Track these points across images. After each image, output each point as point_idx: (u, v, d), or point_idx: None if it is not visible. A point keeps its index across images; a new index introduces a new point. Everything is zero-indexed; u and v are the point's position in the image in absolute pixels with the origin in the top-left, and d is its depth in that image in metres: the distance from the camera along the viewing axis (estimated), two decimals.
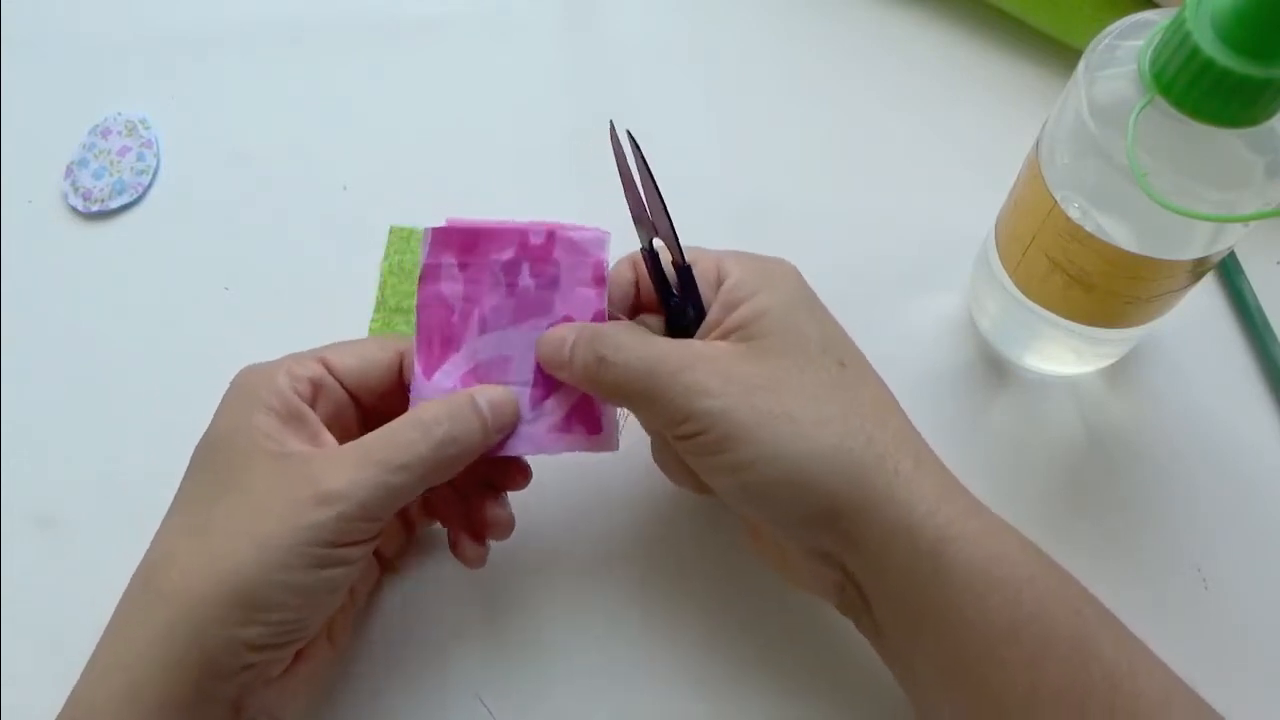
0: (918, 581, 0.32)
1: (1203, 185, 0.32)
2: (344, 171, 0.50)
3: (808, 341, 0.35)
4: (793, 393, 0.33)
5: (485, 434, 0.35)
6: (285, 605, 0.31)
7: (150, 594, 0.32)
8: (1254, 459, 0.43)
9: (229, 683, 0.31)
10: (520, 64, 0.53)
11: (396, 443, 0.33)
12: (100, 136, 0.51)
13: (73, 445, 0.44)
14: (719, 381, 0.33)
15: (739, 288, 0.35)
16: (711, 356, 0.34)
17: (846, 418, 0.33)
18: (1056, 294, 0.40)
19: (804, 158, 0.50)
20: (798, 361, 0.34)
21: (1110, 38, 0.34)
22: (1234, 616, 0.41)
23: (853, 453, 0.32)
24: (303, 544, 0.31)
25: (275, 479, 0.32)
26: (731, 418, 0.32)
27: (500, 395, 0.35)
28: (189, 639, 0.31)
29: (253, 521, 0.32)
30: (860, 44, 0.53)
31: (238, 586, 0.31)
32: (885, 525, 0.32)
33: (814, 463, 0.32)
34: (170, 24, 0.54)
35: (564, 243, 0.37)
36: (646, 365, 0.33)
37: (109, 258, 0.48)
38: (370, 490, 0.32)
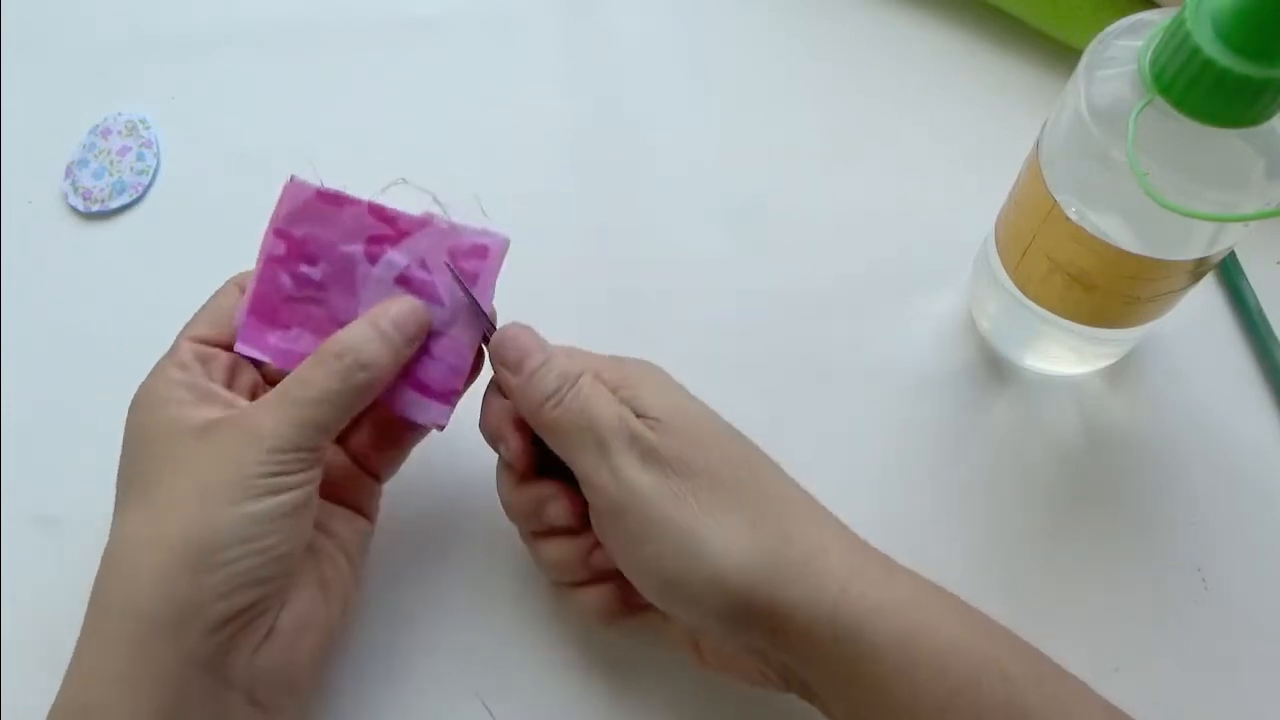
0: (843, 664, 0.32)
1: (1203, 185, 0.32)
2: (344, 171, 0.50)
3: (700, 424, 0.35)
4: (698, 474, 0.33)
5: (394, 353, 0.35)
6: (237, 543, 0.32)
7: (111, 585, 0.33)
8: (1254, 459, 0.43)
9: (203, 644, 0.31)
10: (520, 64, 0.53)
11: (308, 380, 0.34)
12: (100, 136, 0.51)
13: (73, 445, 0.44)
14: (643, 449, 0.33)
15: (609, 383, 0.35)
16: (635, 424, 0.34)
17: (754, 505, 0.33)
18: (1056, 294, 0.40)
19: (803, 158, 0.50)
20: (698, 442, 0.34)
21: (1110, 38, 0.34)
22: (1234, 616, 0.41)
23: (765, 542, 0.32)
24: (240, 479, 0.32)
25: (205, 444, 0.33)
26: (651, 505, 0.33)
27: (403, 309, 0.36)
28: (154, 609, 0.31)
29: (192, 483, 0.33)
30: (860, 44, 0.53)
31: (187, 539, 0.32)
32: (804, 612, 0.32)
33: (728, 558, 0.32)
34: (170, 24, 0.54)
35: (287, 218, 0.38)
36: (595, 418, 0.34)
37: (109, 258, 0.48)
38: (292, 426, 0.33)
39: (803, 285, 0.47)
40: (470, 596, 0.41)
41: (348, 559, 0.37)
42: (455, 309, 0.37)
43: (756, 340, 0.46)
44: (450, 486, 0.43)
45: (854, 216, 0.48)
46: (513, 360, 0.35)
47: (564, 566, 0.37)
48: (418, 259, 0.37)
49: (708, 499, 0.33)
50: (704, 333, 0.45)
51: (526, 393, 0.35)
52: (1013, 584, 0.35)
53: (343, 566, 0.37)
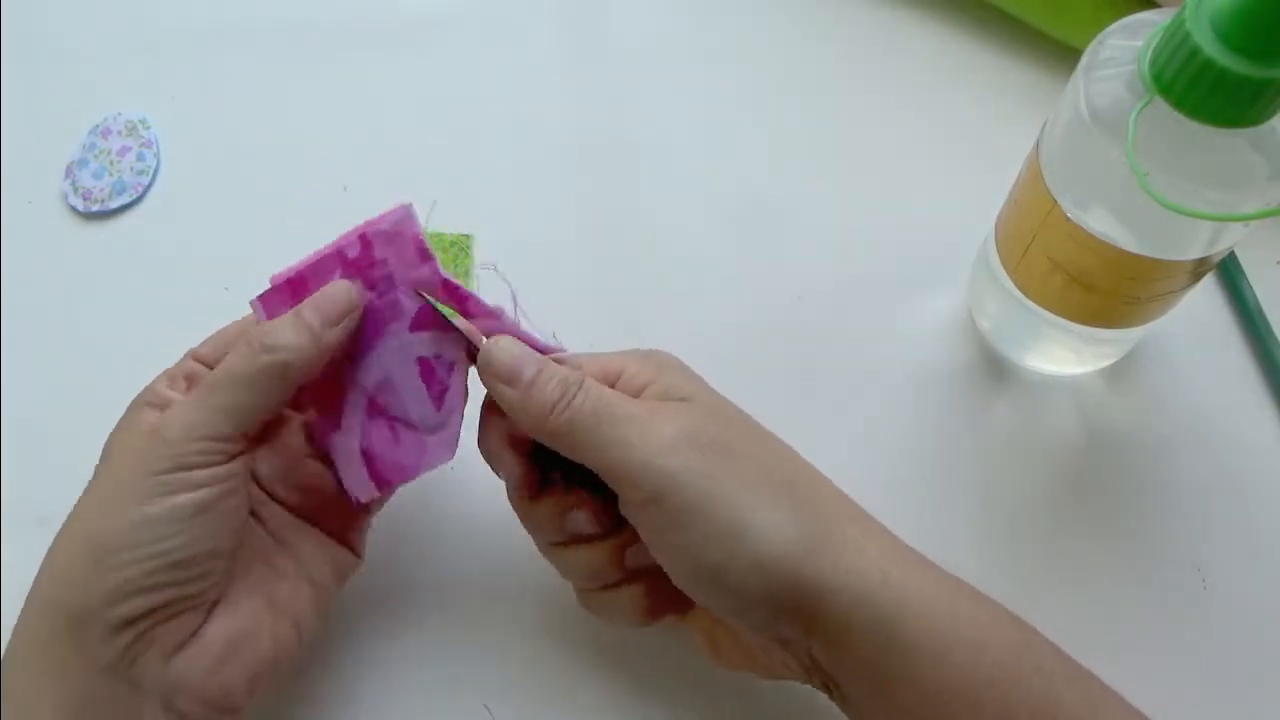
0: (876, 650, 0.31)
1: (1202, 185, 0.32)
2: (344, 171, 0.50)
3: (728, 410, 0.35)
4: (739, 466, 0.32)
5: (312, 336, 0.33)
6: (129, 546, 0.31)
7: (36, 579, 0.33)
8: (1254, 459, 0.43)
9: (105, 646, 0.31)
10: (520, 65, 0.52)
11: (225, 366, 0.33)
12: (100, 136, 0.51)
13: (73, 445, 0.44)
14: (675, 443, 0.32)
15: (639, 375, 0.35)
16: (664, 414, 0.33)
17: (787, 490, 0.33)
18: (1056, 294, 0.40)
19: (804, 158, 0.50)
20: (730, 426, 0.34)
21: (1110, 38, 0.34)
22: (1234, 616, 0.41)
23: (801, 526, 0.32)
24: (142, 477, 0.31)
25: (128, 447, 0.33)
26: (688, 488, 0.31)
27: (325, 295, 0.34)
28: (56, 609, 0.31)
29: (110, 484, 0.32)
30: (860, 44, 0.53)
31: (86, 540, 0.31)
32: (843, 599, 0.31)
33: (769, 541, 0.31)
34: (170, 24, 0.54)
35: (379, 238, 0.35)
36: (609, 414, 0.33)
37: (109, 258, 0.48)
38: (197, 413, 0.32)
39: (803, 285, 0.47)
40: (475, 602, 0.41)
41: (312, 586, 0.36)
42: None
43: (756, 340, 0.46)
44: (452, 489, 0.43)
45: (854, 216, 0.48)
46: (507, 374, 0.33)
47: (593, 571, 0.35)
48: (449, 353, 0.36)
49: (750, 481, 0.32)
50: (704, 333, 0.45)
51: (529, 404, 0.33)
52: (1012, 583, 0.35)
53: (303, 592, 0.35)
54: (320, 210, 0.49)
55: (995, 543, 0.42)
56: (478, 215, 0.48)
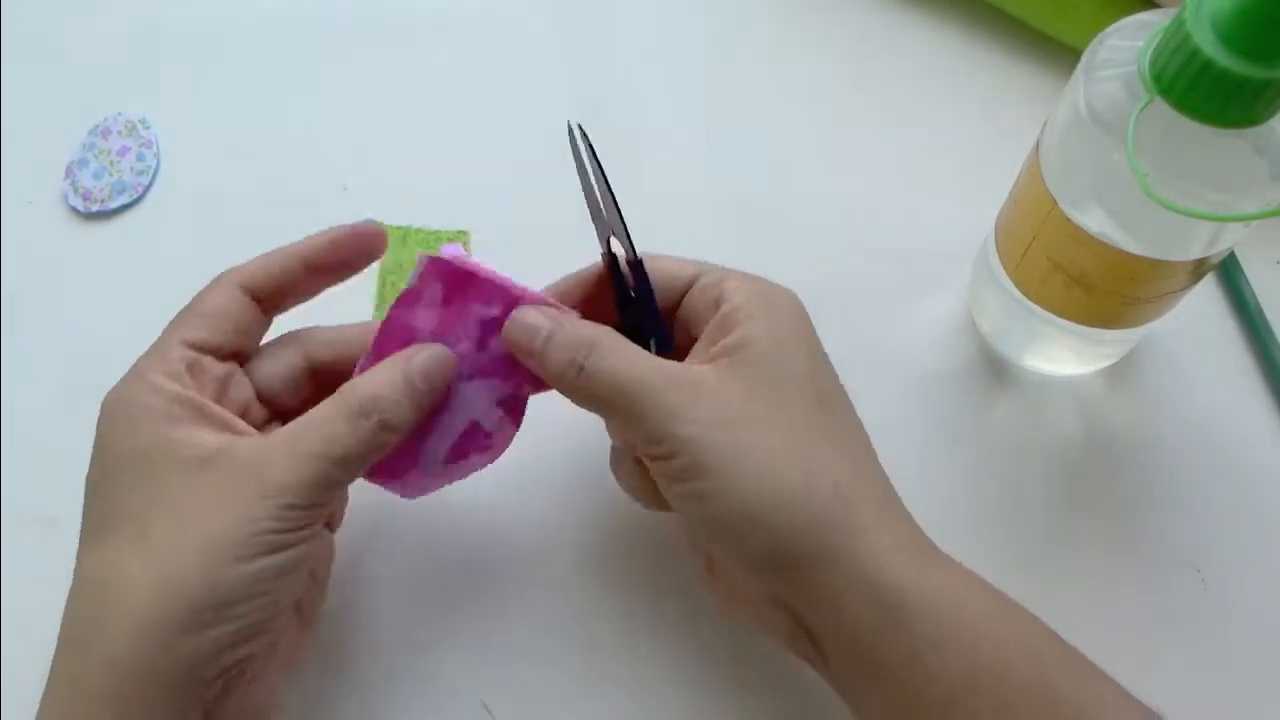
0: (874, 632, 0.31)
1: (1202, 186, 0.32)
2: (344, 171, 0.50)
3: (792, 377, 0.35)
4: (767, 428, 0.33)
5: (419, 410, 0.34)
6: (245, 599, 0.31)
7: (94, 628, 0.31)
8: (1254, 459, 0.43)
9: (199, 696, 0.31)
10: (520, 64, 0.52)
11: (332, 436, 0.32)
12: (100, 136, 0.51)
13: (73, 445, 0.44)
14: (695, 407, 0.32)
15: (736, 312, 0.35)
16: (691, 381, 0.33)
17: (817, 460, 0.33)
18: (1056, 294, 0.40)
19: (803, 158, 0.50)
20: (778, 396, 0.34)
21: (1110, 38, 0.34)
22: (1233, 616, 0.41)
23: (817, 498, 0.32)
24: (249, 535, 0.31)
25: (209, 483, 0.31)
26: (702, 446, 0.32)
27: (428, 359, 0.34)
28: (149, 662, 0.30)
29: (195, 527, 0.31)
30: (859, 44, 0.53)
31: (191, 592, 0.30)
32: (842, 575, 0.31)
33: (777, 504, 0.32)
34: (170, 24, 0.54)
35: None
36: (627, 381, 0.33)
37: (109, 258, 0.48)
38: (309, 484, 0.31)
39: (802, 285, 0.47)
40: (475, 601, 0.41)
41: (314, 580, 0.37)
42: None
43: None
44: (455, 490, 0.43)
45: (854, 217, 0.48)
46: (524, 344, 0.35)
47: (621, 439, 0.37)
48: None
49: (769, 449, 0.32)
50: None
51: (546, 370, 0.34)
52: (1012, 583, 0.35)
53: (313, 591, 0.36)
54: (320, 210, 0.49)
55: (994, 542, 0.42)
56: (477, 214, 0.48)
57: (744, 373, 0.34)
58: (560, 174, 0.50)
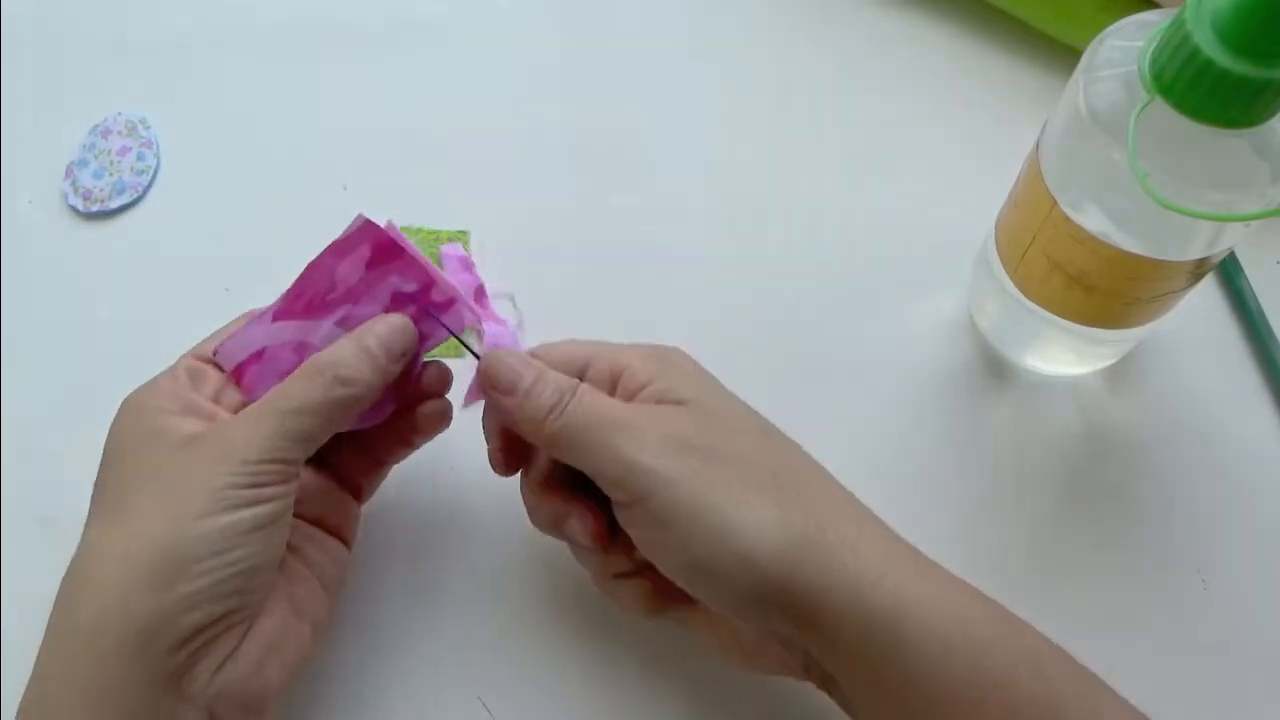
0: (874, 653, 0.31)
1: (1202, 186, 0.32)
2: (344, 171, 0.50)
3: (731, 413, 0.35)
4: (731, 464, 0.33)
5: (378, 371, 0.35)
6: (207, 555, 0.31)
7: (75, 599, 0.32)
8: (1254, 459, 0.43)
9: (166, 661, 0.31)
10: (520, 64, 0.52)
11: (290, 392, 0.34)
12: (100, 136, 0.51)
13: (73, 445, 0.44)
14: (664, 446, 0.33)
15: (638, 375, 0.35)
16: (658, 419, 0.34)
17: (784, 489, 0.33)
18: (1056, 294, 0.40)
19: (803, 158, 0.50)
20: (728, 432, 0.34)
21: (1110, 38, 0.34)
22: (1233, 616, 0.41)
23: (794, 525, 0.32)
24: (213, 490, 0.32)
25: (181, 456, 0.33)
26: (674, 487, 0.32)
27: (386, 328, 0.35)
28: (117, 627, 0.31)
29: (165, 495, 0.32)
30: (860, 44, 0.53)
31: (155, 552, 0.31)
32: (836, 599, 0.31)
33: (757, 539, 0.32)
34: (170, 24, 0.54)
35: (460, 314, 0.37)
36: (599, 420, 0.33)
37: (109, 258, 0.48)
38: (270, 436, 0.33)
39: (803, 285, 0.47)
40: (470, 597, 0.41)
41: (322, 584, 0.37)
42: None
43: (756, 340, 0.46)
44: (448, 486, 0.43)
45: (854, 216, 0.48)
46: (505, 383, 0.35)
47: (601, 563, 0.37)
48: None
49: (738, 482, 0.33)
50: (703, 333, 0.45)
51: (525, 411, 0.34)
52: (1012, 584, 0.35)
53: (316, 590, 0.36)
54: (320, 210, 0.49)
55: (994, 542, 0.42)
56: (477, 214, 0.48)
57: (694, 414, 0.34)
58: (560, 174, 0.50)
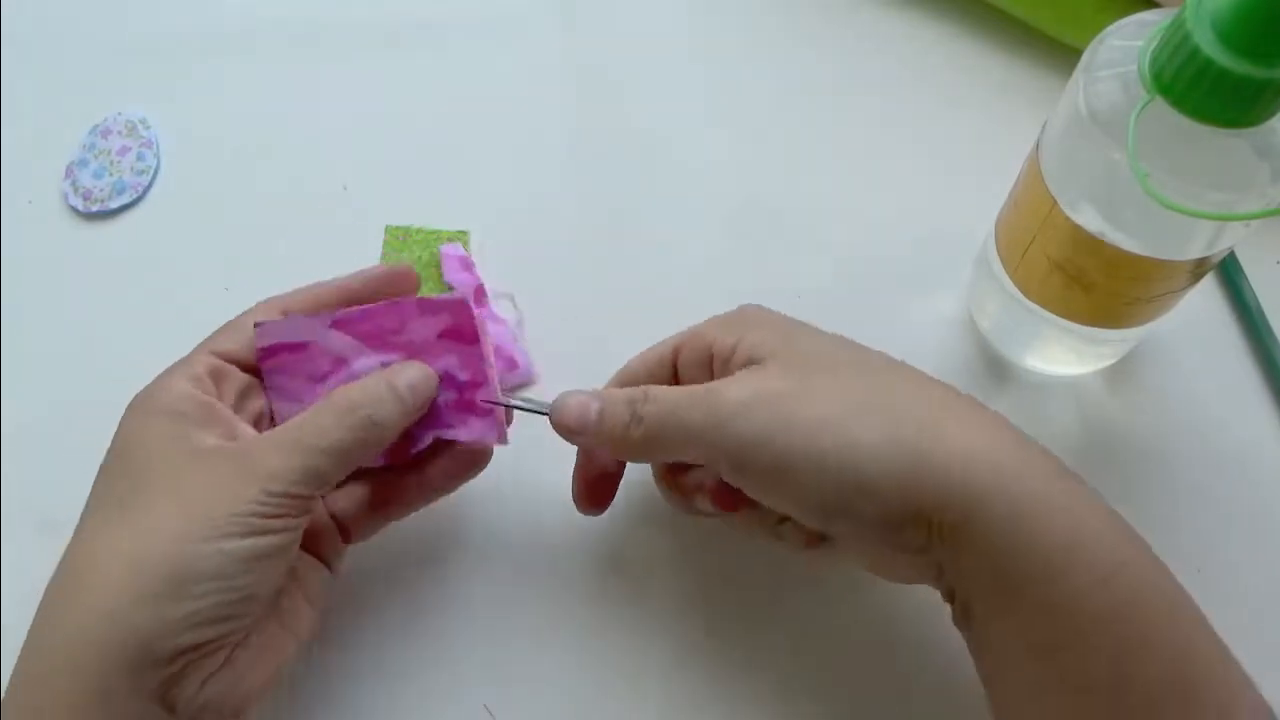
0: (996, 556, 0.31)
1: (1203, 185, 0.32)
2: (344, 171, 0.50)
3: (815, 346, 0.35)
4: (823, 396, 0.33)
5: (404, 414, 0.35)
6: (212, 578, 0.31)
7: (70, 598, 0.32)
8: (1254, 459, 0.43)
9: (157, 673, 0.31)
10: (520, 65, 0.52)
11: (319, 428, 0.34)
12: (100, 136, 0.51)
13: (73, 446, 0.44)
14: (747, 409, 0.33)
15: (727, 338, 0.36)
16: (733, 386, 0.34)
17: (886, 407, 0.33)
18: (1056, 294, 0.40)
19: (803, 158, 0.50)
20: (817, 371, 0.34)
21: (1110, 38, 0.34)
22: (1234, 616, 0.41)
23: (907, 441, 0.32)
24: (229, 515, 0.31)
25: (200, 470, 0.33)
26: (770, 443, 0.32)
27: (417, 374, 0.36)
28: (111, 634, 0.30)
29: (180, 509, 0.32)
30: (860, 44, 0.53)
31: (161, 566, 0.31)
32: (956, 503, 0.31)
33: (874, 464, 0.32)
34: (170, 24, 0.54)
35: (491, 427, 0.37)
36: (676, 410, 0.34)
37: (109, 258, 0.48)
38: (295, 471, 0.33)
39: (802, 285, 0.47)
40: (477, 605, 0.41)
41: (306, 599, 0.37)
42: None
43: None
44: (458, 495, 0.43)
45: (854, 216, 0.48)
46: (578, 420, 0.35)
47: (752, 527, 0.37)
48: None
49: (835, 415, 0.33)
50: None
51: (605, 438, 0.35)
52: None
53: (300, 606, 0.36)
54: (320, 210, 0.49)
55: None
56: (477, 214, 0.48)
57: (770, 363, 0.34)
58: (560, 174, 0.50)
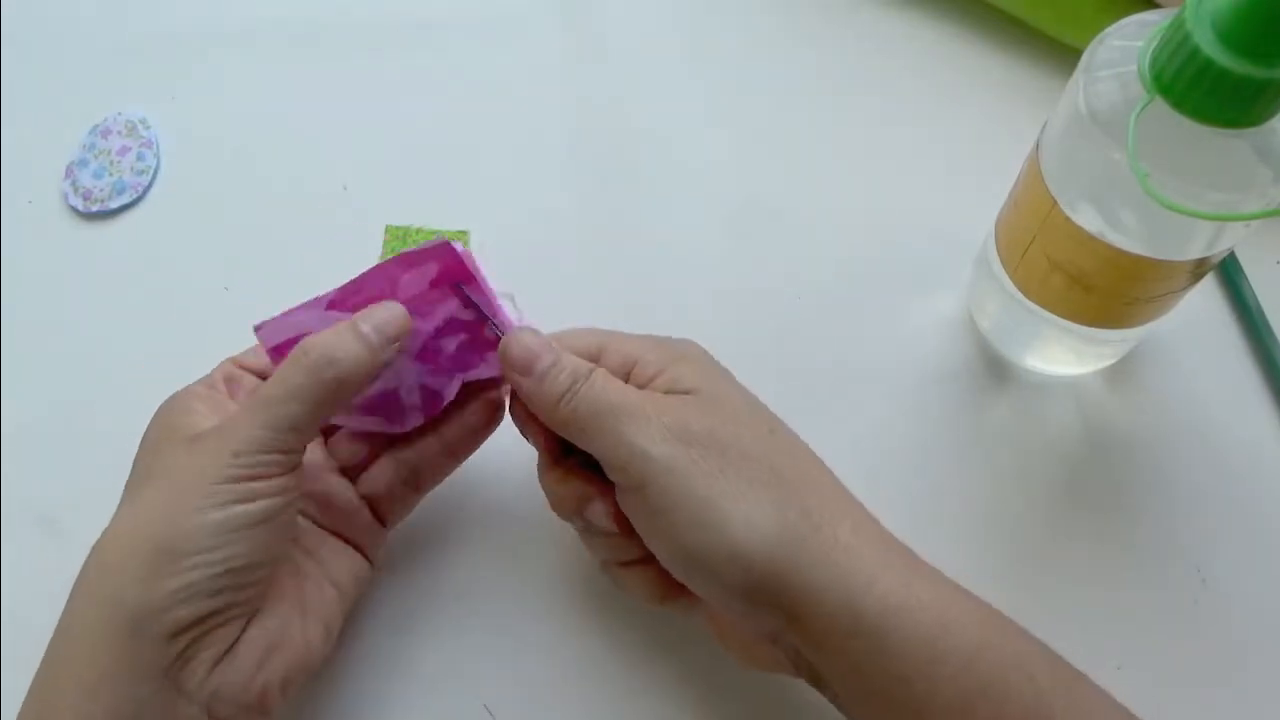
0: (863, 656, 0.31)
1: (1202, 185, 0.32)
2: (344, 171, 0.50)
3: (737, 408, 0.35)
4: (732, 457, 0.33)
5: (369, 350, 0.34)
6: (197, 550, 0.31)
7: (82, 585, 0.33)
8: (1254, 459, 0.43)
9: (161, 650, 0.31)
10: (520, 64, 0.52)
11: (277, 378, 0.33)
12: (100, 136, 0.51)
13: (73, 445, 0.44)
14: (666, 435, 0.33)
15: (649, 367, 0.36)
16: (664, 408, 0.34)
17: (782, 486, 0.33)
18: (1056, 294, 0.40)
19: (803, 158, 0.50)
20: (734, 425, 0.34)
21: (1110, 38, 0.34)
22: (1233, 616, 0.41)
23: (789, 523, 0.32)
24: (207, 486, 0.32)
25: (189, 452, 0.33)
26: (672, 476, 0.33)
27: (383, 313, 0.35)
28: (114, 613, 0.31)
29: (169, 490, 0.32)
30: (860, 44, 0.53)
31: (151, 542, 0.31)
32: (826, 600, 0.31)
33: (749, 533, 0.32)
34: (170, 24, 0.54)
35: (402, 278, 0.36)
36: (608, 405, 0.34)
37: (109, 258, 0.48)
38: (259, 426, 0.32)
39: (802, 285, 0.47)
40: (477, 604, 0.41)
41: (336, 589, 0.37)
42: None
43: (756, 340, 0.46)
44: (457, 494, 0.43)
45: (854, 216, 0.48)
46: (521, 364, 0.35)
47: (610, 550, 0.37)
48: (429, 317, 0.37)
49: (735, 475, 0.33)
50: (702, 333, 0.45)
51: (540, 394, 0.35)
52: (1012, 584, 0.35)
53: (329, 595, 0.36)
54: (320, 210, 0.49)
55: (994, 543, 0.42)
56: (477, 214, 0.49)
57: (698, 404, 0.35)
58: (560, 174, 0.50)
